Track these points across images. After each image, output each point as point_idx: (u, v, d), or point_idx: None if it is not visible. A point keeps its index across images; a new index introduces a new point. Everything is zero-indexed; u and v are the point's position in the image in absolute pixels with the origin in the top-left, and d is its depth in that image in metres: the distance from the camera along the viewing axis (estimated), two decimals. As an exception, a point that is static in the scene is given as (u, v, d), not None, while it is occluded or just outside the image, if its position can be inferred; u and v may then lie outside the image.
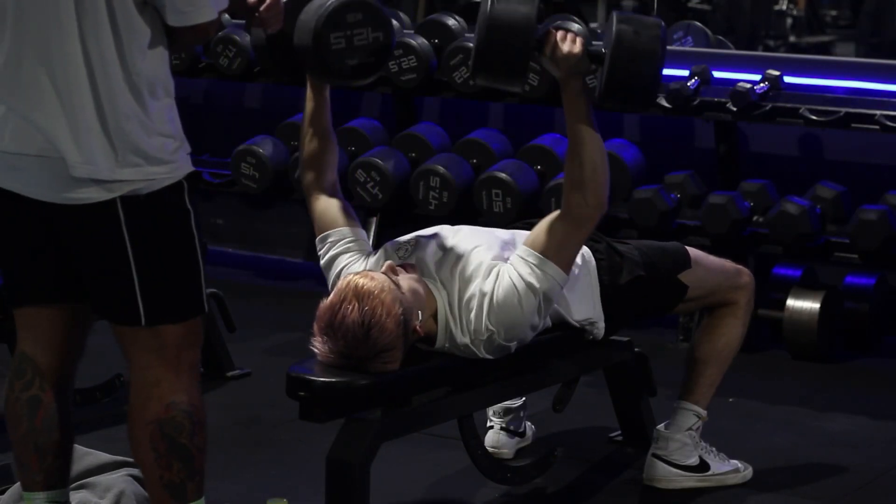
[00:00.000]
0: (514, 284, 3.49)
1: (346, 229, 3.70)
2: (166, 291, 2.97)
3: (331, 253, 3.69)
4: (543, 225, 3.56)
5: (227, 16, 6.85)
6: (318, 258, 3.73)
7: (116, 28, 2.87)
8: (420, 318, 3.46)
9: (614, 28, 3.45)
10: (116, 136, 2.88)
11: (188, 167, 2.98)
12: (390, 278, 3.45)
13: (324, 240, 3.71)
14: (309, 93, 3.70)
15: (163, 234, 2.96)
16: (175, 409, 2.97)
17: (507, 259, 3.57)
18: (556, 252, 3.52)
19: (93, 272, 2.98)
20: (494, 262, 3.55)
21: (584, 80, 3.54)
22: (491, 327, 3.51)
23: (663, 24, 3.54)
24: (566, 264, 3.55)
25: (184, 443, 2.97)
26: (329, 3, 3.48)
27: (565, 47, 3.47)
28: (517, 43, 3.43)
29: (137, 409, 2.99)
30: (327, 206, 3.72)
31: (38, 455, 3.10)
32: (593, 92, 3.56)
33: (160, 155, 2.92)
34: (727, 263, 4.02)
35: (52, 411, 3.10)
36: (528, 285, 3.49)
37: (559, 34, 3.48)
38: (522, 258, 3.53)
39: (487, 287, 3.51)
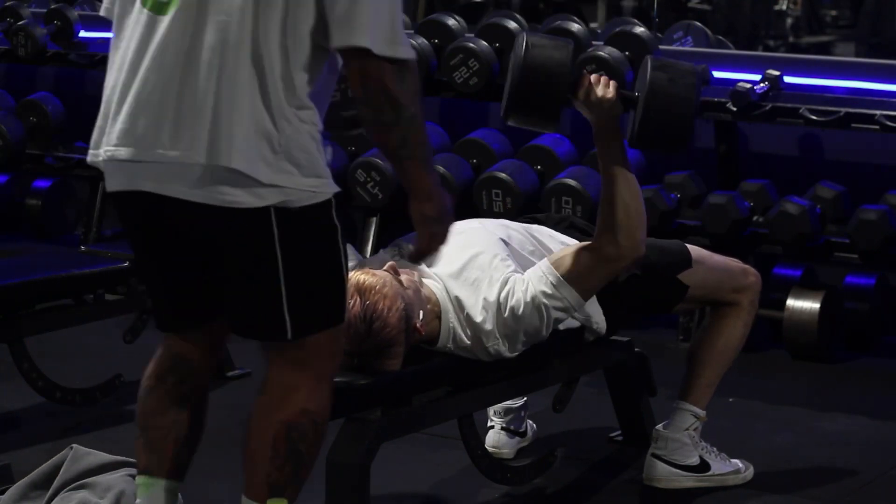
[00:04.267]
0: (527, 300, 3.50)
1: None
2: (313, 306, 2.96)
3: None
4: (574, 249, 3.57)
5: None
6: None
7: (289, 34, 2.85)
8: (422, 316, 3.47)
9: (648, 75, 3.45)
10: (276, 141, 2.85)
11: (336, 186, 2.95)
12: (393, 276, 3.45)
13: None
14: None
15: (314, 249, 2.94)
16: (306, 416, 2.97)
17: (512, 265, 3.57)
18: (577, 279, 3.52)
19: (238, 284, 2.96)
20: (506, 271, 3.55)
21: (616, 123, 3.54)
22: (497, 336, 3.51)
23: (698, 70, 3.53)
24: (585, 291, 3.55)
25: (302, 450, 2.98)
26: None
27: (599, 91, 3.48)
28: (552, 88, 3.44)
29: (270, 406, 2.99)
30: None
31: (174, 445, 3.14)
32: (625, 134, 3.57)
33: (314, 167, 2.90)
34: (732, 263, 4.00)
35: (198, 409, 3.17)
36: (541, 304, 3.50)
37: (593, 77, 3.49)
38: (543, 274, 3.53)
39: (497, 295, 3.51)
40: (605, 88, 3.49)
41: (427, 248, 3.04)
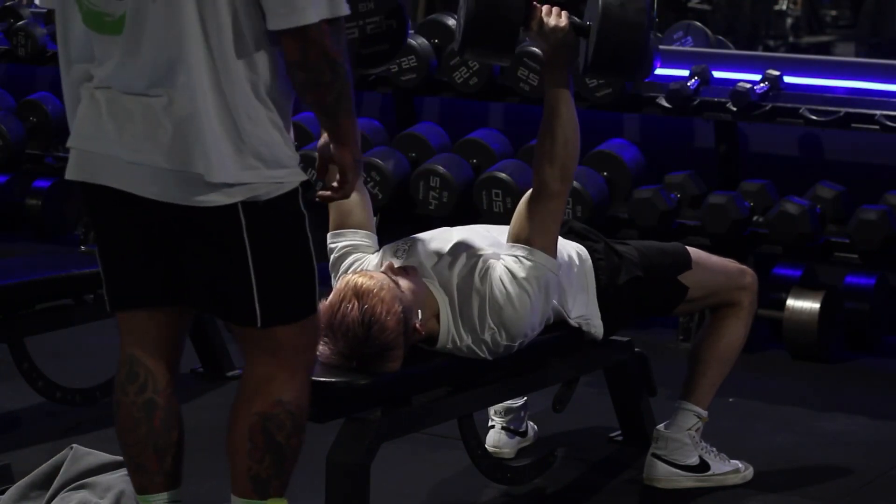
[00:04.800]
0: (506, 283, 3.50)
1: (363, 232, 3.71)
2: (282, 294, 2.98)
3: (345, 248, 3.69)
4: (520, 214, 3.58)
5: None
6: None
7: (239, 29, 2.85)
8: (420, 317, 3.47)
9: (600, 2, 3.46)
10: (239, 139, 2.87)
11: (302, 174, 2.97)
12: (390, 277, 3.45)
13: (340, 235, 3.71)
14: None
15: (281, 239, 2.96)
16: (281, 407, 2.99)
17: (498, 257, 3.57)
18: (539, 237, 3.53)
19: (209, 275, 2.98)
20: (487, 261, 3.56)
21: (568, 53, 3.55)
22: (492, 326, 3.51)
23: None
24: (552, 247, 3.56)
25: (280, 441, 2.99)
26: None
27: (551, 21, 3.50)
28: (505, 17, 3.45)
29: (244, 400, 3.01)
30: (349, 201, 3.69)
31: (157, 456, 3.12)
32: (577, 66, 3.58)
33: (278, 158, 2.91)
34: (730, 264, 4.01)
35: (167, 412, 3.12)
36: (521, 282, 3.50)
37: (545, 8, 3.50)
38: (510, 254, 3.54)
39: (484, 286, 3.52)
40: (556, 18, 3.50)
41: (350, 188, 3.08)
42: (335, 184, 3.07)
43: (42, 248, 6.71)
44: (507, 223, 3.67)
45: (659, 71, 5.46)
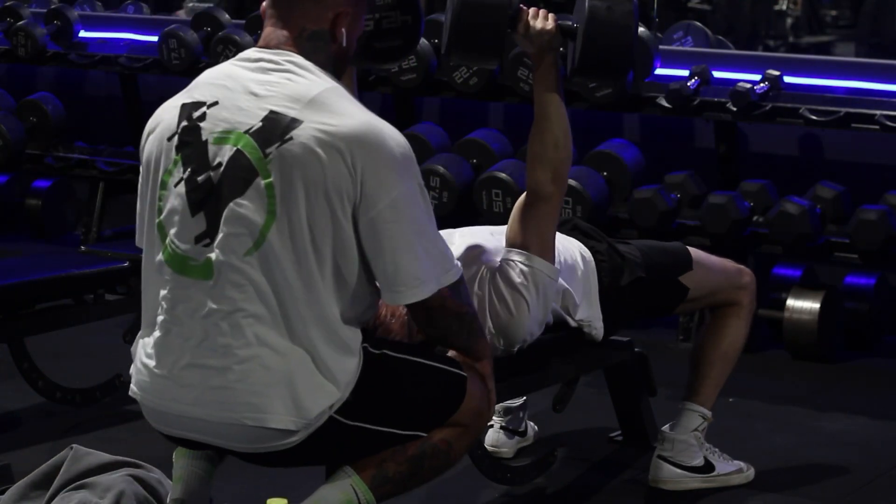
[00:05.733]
0: (504, 290, 3.50)
1: None
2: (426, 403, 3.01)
3: None
4: (515, 219, 3.58)
5: (226, 16, 6.83)
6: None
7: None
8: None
9: (587, 4, 3.46)
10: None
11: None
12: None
13: None
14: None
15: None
16: (446, 445, 3.03)
17: (497, 262, 3.57)
18: (536, 242, 3.53)
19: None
20: (487, 267, 3.55)
21: (555, 56, 3.54)
22: (491, 331, 3.51)
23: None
24: (549, 252, 3.55)
25: (424, 465, 3.02)
26: None
27: (538, 24, 3.49)
28: (491, 21, 3.45)
29: None
30: None
31: None
32: (565, 68, 3.58)
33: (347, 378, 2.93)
34: (728, 263, 4.01)
35: None
36: (519, 288, 3.50)
37: (531, 11, 3.50)
38: (508, 259, 3.54)
39: (483, 292, 3.52)
40: (543, 21, 3.50)
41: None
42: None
43: (42, 248, 6.71)
44: (507, 223, 3.67)
45: (659, 71, 5.46)
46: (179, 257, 2.90)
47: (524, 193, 3.60)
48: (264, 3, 3.00)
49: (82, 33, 6.68)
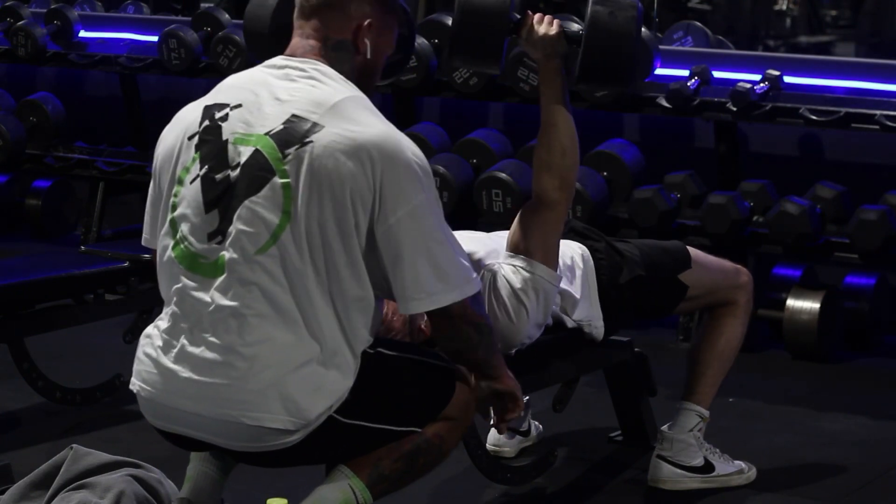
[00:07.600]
0: (504, 295, 3.50)
1: None
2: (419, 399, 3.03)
3: None
4: (519, 224, 3.58)
5: (226, 16, 6.81)
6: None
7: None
8: (425, 318, 3.46)
9: (590, 10, 3.47)
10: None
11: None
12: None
13: None
14: None
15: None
16: (439, 439, 3.04)
17: (496, 266, 3.57)
18: (539, 248, 3.53)
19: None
20: (487, 271, 3.55)
21: (560, 62, 3.55)
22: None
23: (639, 4, 3.55)
24: (552, 259, 3.55)
25: (419, 461, 3.04)
26: None
27: (542, 29, 3.50)
28: (492, 26, 3.46)
29: None
30: None
31: None
32: (570, 74, 3.59)
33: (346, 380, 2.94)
34: (725, 263, 4.02)
35: None
36: (519, 293, 3.50)
37: (536, 17, 3.51)
38: (510, 265, 3.54)
39: (489, 296, 3.52)
40: (547, 26, 3.51)
41: (520, 406, 3.13)
42: (506, 414, 3.12)
43: (42, 248, 6.71)
44: (507, 223, 3.67)
45: (659, 71, 5.47)
46: (190, 254, 2.91)
47: (529, 199, 3.60)
48: (294, 15, 3.05)
49: (82, 33, 6.69)
